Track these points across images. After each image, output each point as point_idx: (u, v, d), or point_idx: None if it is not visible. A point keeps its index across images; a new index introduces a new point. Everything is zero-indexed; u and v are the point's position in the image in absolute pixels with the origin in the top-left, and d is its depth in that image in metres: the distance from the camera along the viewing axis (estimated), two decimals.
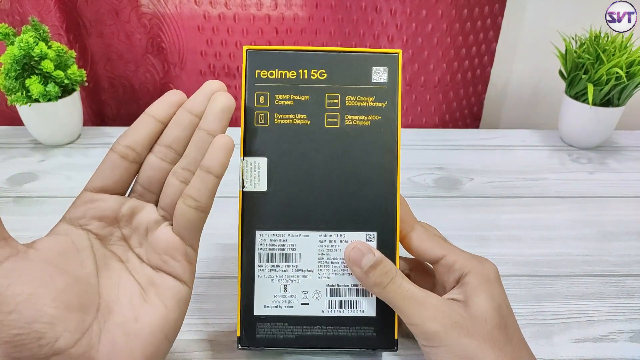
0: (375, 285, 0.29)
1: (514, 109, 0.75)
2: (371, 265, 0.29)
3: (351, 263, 0.30)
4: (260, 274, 0.31)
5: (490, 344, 0.26)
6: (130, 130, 0.29)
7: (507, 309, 0.29)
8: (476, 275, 0.29)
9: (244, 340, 0.31)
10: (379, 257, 0.29)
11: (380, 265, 0.29)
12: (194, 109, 0.28)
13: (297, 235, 0.31)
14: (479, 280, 0.29)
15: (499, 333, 0.27)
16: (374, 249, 0.30)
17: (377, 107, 0.31)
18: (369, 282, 0.29)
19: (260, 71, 0.31)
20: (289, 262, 0.31)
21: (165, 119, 0.29)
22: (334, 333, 0.31)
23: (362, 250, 0.29)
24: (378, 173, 0.31)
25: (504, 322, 0.28)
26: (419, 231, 0.32)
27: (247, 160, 0.31)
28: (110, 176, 0.28)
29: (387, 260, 0.29)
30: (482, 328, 0.27)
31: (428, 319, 0.27)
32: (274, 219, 0.31)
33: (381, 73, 0.31)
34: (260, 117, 0.31)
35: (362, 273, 0.29)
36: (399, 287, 0.28)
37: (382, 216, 0.31)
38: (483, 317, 0.27)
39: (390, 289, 0.28)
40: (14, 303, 0.21)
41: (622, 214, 0.50)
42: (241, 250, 0.31)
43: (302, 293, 0.31)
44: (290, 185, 0.31)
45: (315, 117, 0.31)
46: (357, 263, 0.29)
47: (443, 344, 0.27)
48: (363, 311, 0.31)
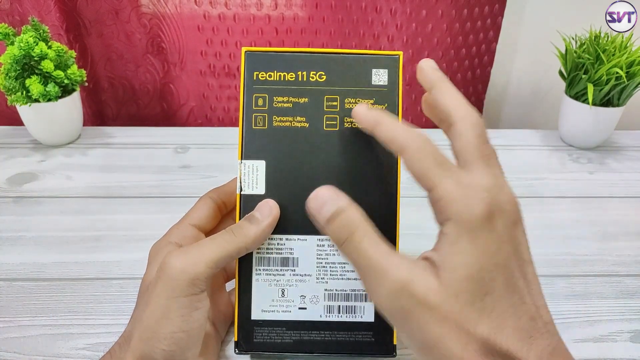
0: (334, 241, 0.24)
1: (514, 109, 0.75)
2: (329, 217, 0.24)
3: (311, 215, 0.25)
4: (257, 278, 0.31)
5: (457, 329, 0.20)
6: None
7: (495, 268, 0.21)
8: (455, 225, 0.22)
9: (241, 345, 0.31)
10: (341, 205, 0.24)
11: (340, 216, 0.24)
12: None
13: (295, 239, 0.30)
14: (458, 232, 0.21)
15: (471, 310, 0.21)
16: (341, 196, 0.25)
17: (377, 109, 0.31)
18: (329, 236, 0.24)
19: (259, 73, 0.31)
20: (287, 267, 0.31)
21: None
22: (331, 338, 0.31)
23: (324, 198, 0.25)
24: (378, 177, 0.30)
25: (483, 290, 0.21)
26: (443, 88, 0.25)
27: (245, 163, 0.30)
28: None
29: (350, 211, 0.24)
30: (450, 308, 0.21)
31: (382, 295, 0.22)
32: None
33: (381, 75, 0.31)
34: (259, 119, 0.31)
35: (322, 227, 0.25)
36: (356, 247, 0.23)
37: (381, 220, 0.30)
38: (454, 290, 0.21)
39: (346, 247, 0.23)
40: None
41: (622, 214, 0.50)
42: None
43: (300, 298, 0.31)
44: (288, 188, 0.30)
45: (314, 119, 0.31)
46: (317, 213, 0.25)
47: (400, 329, 0.22)
48: (361, 316, 0.31)
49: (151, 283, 0.28)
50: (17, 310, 0.37)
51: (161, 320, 0.26)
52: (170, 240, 0.31)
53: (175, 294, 0.26)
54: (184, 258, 0.27)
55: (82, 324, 0.36)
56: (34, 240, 0.44)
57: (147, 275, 0.30)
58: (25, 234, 0.45)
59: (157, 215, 0.48)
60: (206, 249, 0.28)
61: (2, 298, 0.38)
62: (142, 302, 0.28)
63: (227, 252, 0.28)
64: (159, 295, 0.27)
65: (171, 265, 0.27)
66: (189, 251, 0.28)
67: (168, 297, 0.26)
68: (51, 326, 0.36)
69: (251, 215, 0.30)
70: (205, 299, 0.28)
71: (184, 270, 0.26)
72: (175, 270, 0.27)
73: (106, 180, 0.53)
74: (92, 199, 0.50)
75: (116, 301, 0.38)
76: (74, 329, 0.35)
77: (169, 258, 0.27)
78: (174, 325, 0.26)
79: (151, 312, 0.26)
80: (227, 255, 0.28)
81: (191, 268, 0.27)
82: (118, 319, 0.36)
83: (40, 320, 0.36)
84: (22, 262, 0.42)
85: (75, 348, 0.34)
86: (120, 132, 0.64)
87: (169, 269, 0.27)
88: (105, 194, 0.51)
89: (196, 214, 0.32)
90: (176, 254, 0.27)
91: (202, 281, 0.27)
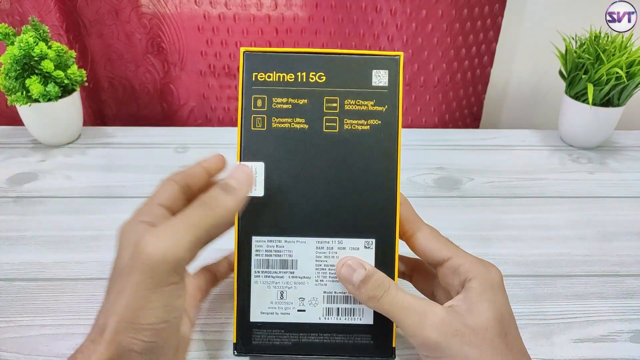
0: (370, 299, 0.28)
1: (514, 109, 0.75)
2: (362, 280, 0.28)
3: (343, 280, 0.29)
4: (256, 281, 0.30)
5: (492, 353, 0.26)
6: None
7: (510, 317, 0.28)
8: (480, 281, 0.28)
9: (239, 347, 0.31)
10: (369, 270, 0.28)
11: (372, 278, 0.28)
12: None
13: (294, 242, 0.30)
14: (483, 287, 0.28)
15: (499, 342, 0.27)
16: (365, 263, 0.29)
17: (377, 111, 0.30)
18: (363, 296, 0.28)
19: (258, 74, 0.30)
20: (286, 269, 0.30)
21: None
22: (330, 340, 0.31)
23: (352, 265, 0.29)
24: (377, 179, 0.30)
25: (504, 330, 0.27)
26: (426, 232, 0.31)
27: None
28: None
29: (378, 273, 0.29)
30: (483, 337, 0.26)
31: (427, 329, 0.26)
32: (270, 224, 0.30)
33: (381, 76, 0.30)
34: (258, 121, 0.30)
35: (355, 289, 0.29)
36: (394, 298, 0.28)
37: (380, 223, 0.30)
38: (484, 325, 0.27)
39: (385, 300, 0.28)
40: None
41: (622, 214, 0.50)
42: (237, 256, 0.30)
43: (299, 300, 0.31)
44: (287, 190, 0.30)
45: (313, 121, 0.30)
46: (348, 280, 0.29)
47: (445, 355, 0.26)
48: (360, 319, 0.31)
49: (124, 270, 0.25)
50: (17, 310, 0.37)
51: (141, 311, 0.24)
52: (142, 219, 0.28)
53: (155, 285, 0.24)
54: (161, 243, 0.24)
55: (82, 324, 0.36)
56: (34, 240, 0.44)
57: (119, 260, 0.27)
58: (25, 233, 0.45)
59: None
60: (183, 229, 0.25)
61: (2, 298, 0.38)
62: (115, 291, 0.25)
63: (205, 230, 0.25)
64: (137, 285, 0.24)
65: (148, 253, 0.24)
66: (164, 235, 0.24)
67: (148, 288, 0.24)
68: (51, 326, 0.36)
69: (225, 183, 0.27)
70: (185, 285, 0.26)
71: (163, 259, 0.24)
72: (153, 260, 0.24)
73: (106, 180, 0.53)
74: (92, 199, 0.50)
75: None
76: (74, 329, 0.35)
77: (144, 243, 0.24)
78: (156, 316, 0.24)
79: (128, 303, 0.24)
80: (206, 233, 0.25)
81: (171, 255, 0.24)
82: None
83: (40, 320, 0.36)
84: (22, 262, 0.42)
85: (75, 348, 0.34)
86: (120, 132, 0.64)
87: (147, 258, 0.24)
88: (105, 194, 0.51)
89: (162, 195, 0.29)
90: (151, 238, 0.24)
91: (183, 268, 0.25)
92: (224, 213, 0.26)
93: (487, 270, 0.29)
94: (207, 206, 0.26)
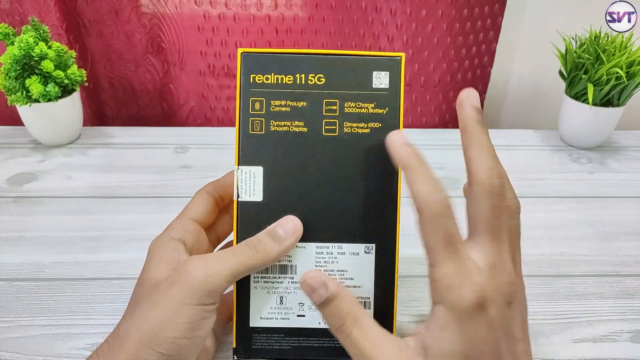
0: (330, 327, 0.26)
1: (514, 109, 0.75)
2: (320, 303, 0.26)
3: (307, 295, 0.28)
4: (256, 286, 0.30)
5: None
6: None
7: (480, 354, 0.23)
8: (447, 310, 0.23)
9: (239, 351, 0.30)
10: (331, 292, 0.26)
11: (330, 304, 0.26)
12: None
13: (294, 247, 0.30)
14: (448, 317, 0.23)
15: None
16: (330, 283, 0.26)
17: (378, 114, 0.30)
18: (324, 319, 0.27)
19: (256, 75, 0.29)
20: (285, 274, 0.30)
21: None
22: (330, 345, 0.30)
23: (313, 285, 0.26)
24: (377, 183, 0.30)
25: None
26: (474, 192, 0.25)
27: (242, 169, 0.30)
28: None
29: (339, 299, 0.26)
30: None
31: None
32: None
33: (382, 78, 0.30)
34: (256, 124, 0.30)
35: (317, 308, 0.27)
36: (347, 337, 0.25)
37: (381, 227, 0.30)
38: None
39: (339, 335, 0.26)
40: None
41: (622, 214, 0.50)
42: None
43: (299, 305, 0.30)
44: (286, 195, 0.30)
45: (312, 124, 0.30)
46: (310, 297, 0.27)
47: None
48: None
49: (163, 284, 0.27)
50: (17, 310, 0.37)
51: (167, 323, 0.25)
52: (173, 236, 0.30)
53: (190, 302, 0.26)
54: (205, 268, 0.27)
55: (82, 324, 0.36)
56: (34, 240, 0.44)
57: (150, 273, 0.28)
58: (25, 234, 0.45)
59: (157, 215, 0.48)
60: (227, 262, 0.27)
61: (2, 298, 0.38)
62: (148, 302, 0.27)
63: (246, 267, 0.28)
64: (172, 298, 0.26)
65: (192, 273, 0.26)
66: (211, 261, 0.27)
67: (182, 302, 0.26)
68: (51, 326, 0.36)
69: (274, 231, 0.29)
70: (214, 310, 0.28)
71: (205, 281, 0.26)
72: (196, 280, 0.26)
73: (106, 180, 0.53)
74: (92, 199, 0.50)
75: (116, 301, 0.38)
76: (74, 329, 0.35)
77: (190, 265, 0.27)
78: (180, 331, 0.26)
79: (159, 314, 0.26)
80: (245, 270, 0.28)
81: (212, 280, 0.26)
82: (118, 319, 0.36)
83: (40, 320, 0.36)
84: (22, 262, 0.42)
85: (75, 348, 0.34)
86: (120, 132, 0.64)
87: (190, 277, 0.26)
88: (105, 194, 0.51)
89: (195, 209, 0.32)
90: (198, 262, 0.27)
91: (219, 294, 0.27)
92: (267, 259, 0.28)
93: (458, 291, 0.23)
94: (253, 249, 0.28)
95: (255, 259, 0.28)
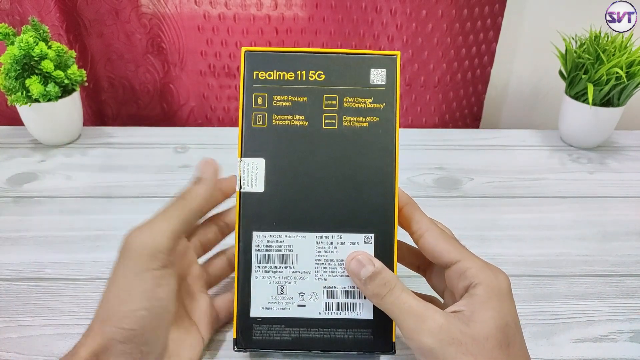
0: (374, 296, 0.29)
1: (514, 109, 0.75)
2: (369, 277, 0.28)
3: (351, 274, 0.30)
4: (257, 275, 0.31)
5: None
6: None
7: (515, 327, 0.27)
8: (486, 288, 0.27)
9: (240, 342, 0.31)
10: (378, 267, 0.29)
11: (379, 276, 0.28)
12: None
13: (294, 237, 0.31)
14: (489, 294, 0.27)
15: (499, 353, 0.26)
16: (374, 259, 0.29)
17: (375, 108, 0.31)
18: (368, 292, 0.29)
19: (259, 72, 0.31)
20: (286, 264, 0.31)
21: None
22: (330, 335, 0.31)
23: (362, 261, 0.29)
24: (376, 175, 0.31)
25: (507, 341, 0.26)
26: (435, 232, 0.31)
27: (245, 161, 0.31)
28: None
29: (386, 271, 0.29)
30: (482, 347, 0.26)
31: (424, 334, 0.26)
32: (271, 220, 0.31)
33: (379, 75, 0.31)
34: (258, 118, 0.31)
35: (362, 284, 0.29)
36: (397, 299, 0.28)
37: (380, 218, 0.31)
38: (485, 334, 0.26)
39: (388, 300, 0.28)
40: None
41: (622, 214, 0.50)
42: (238, 251, 0.31)
43: (299, 295, 0.31)
44: (287, 186, 0.31)
45: (313, 118, 0.31)
46: (356, 274, 0.29)
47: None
48: (360, 313, 0.31)
49: (114, 264, 0.28)
50: (17, 310, 0.37)
51: (121, 297, 0.26)
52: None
53: (136, 269, 0.26)
54: (142, 232, 0.28)
55: (82, 324, 0.36)
56: (34, 240, 0.44)
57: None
58: (25, 234, 0.45)
59: None
60: (162, 220, 0.28)
61: (2, 298, 0.38)
62: (107, 283, 0.28)
63: (183, 218, 0.29)
64: (120, 271, 0.27)
65: (130, 240, 0.27)
66: (147, 226, 0.28)
67: (129, 273, 0.26)
68: (51, 326, 0.36)
69: (194, 177, 0.31)
70: (170, 276, 0.28)
71: (144, 244, 0.27)
72: (135, 245, 0.27)
73: (106, 180, 0.53)
74: (92, 199, 0.50)
75: None
76: (74, 329, 0.35)
77: (128, 237, 0.28)
78: (135, 302, 0.26)
79: (113, 290, 0.26)
80: (183, 221, 0.29)
81: (151, 241, 0.27)
82: None
83: (40, 320, 0.36)
84: (22, 262, 0.42)
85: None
86: (120, 132, 0.64)
87: (130, 245, 0.27)
88: (105, 194, 0.51)
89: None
90: (134, 231, 0.28)
91: (164, 254, 0.27)
92: (198, 200, 0.30)
93: (494, 277, 0.28)
94: (182, 198, 0.30)
95: (187, 206, 0.29)
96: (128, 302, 0.26)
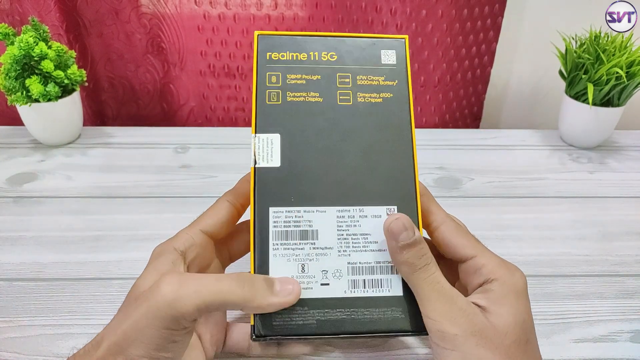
0: (406, 265, 0.27)
1: (514, 109, 0.75)
2: (409, 243, 0.27)
3: (389, 234, 0.27)
4: (275, 254, 0.28)
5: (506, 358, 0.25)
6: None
7: (530, 325, 0.27)
8: (503, 285, 0.27)
9: (258, 329, 0.27)
10: (418, 237, 0.27)
11: (418, 246, 0.27)
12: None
13: (314, 211, 0.29)
14: (506, 291, 0.27)
15: (517, 349, 0.25)
16: (416, 229, 0.27)
17: (388, 85, 0.32)
18: (401, 258, 0.27)
19: (272, 53, 0.31)
20: (306, 240, 0.29)
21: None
22: (358, 316, 0.28)
23: (405, 224, 0.27)
24: (393, 147, 0.31)
25: (524, 338, 0.26)
26: (451, 225, 0.30)
27: (259, 137, 0.30)
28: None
29: (425, 244, 0.27)
30: (501, 341, 0.25)
31: (450, 319, 0.25)
32: (288, 194, 0.29)
33: (390, 55, 0.32)
34: (273, 95, 0.31)
35: (397, 247, 0.27)
36: (431, 276, 0.26)
37: (401, 189, 0.30)
38: (504, 330, 0.26)
39: (421, 275, 0.27)
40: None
41: (622, 214, 0.50)
42: (254, 228, 0.29)
43: (322, 272, 0.28)
44: (304, 160, 0.30)
45: (327, 95, 0.31)
46: (394, 235, 0.27)
47: (457, 349, 0.25)
48: (389, 290, 0.28)
49: (140, 298, 0.25)
50: (17, 310, 0.37)
51: (133, 340, 0.24)
52: (176, 247, 0.29)
53: (155, 324, 0.24)
54: (177, 290, 0.24)
55: (82, 324, 0.36)
56: (34, 240, 0.44)
57: (140, 280, 0.27)
58: (25, 234, 0.45)
59: (157, 215, 0.48)
60: (204, 287, 0.25)
61: (2, 298, 0.38)
62: (123, 313, 0.26)
63: (223, 301, 0.25)
64: (140, 316, 0.24)
65: (162, 293, 0.24)
66: (186, 283, 0.24)
67: (147, 323, 0.24)
68: (51, 326, 0.36)
69: (272, 281, 0.27)
70: (187, 334, 0.26)
71: (171, 304, 0.24)
72: (162, 301, 0.24)
73: (106, 180, 0.53)
74: (92, 199, 0.50)
75: (116, 301, 0.38)
76: (74, 329, 0.35)
77: (163, 283, 0.24)
78: (144, 350, 0.24)
79: (127, 329, 0.24)
80: (221, 304, 0.25)
81: (180, 305, 0.24)
82: None
83: (40, 320, 0.36)
84: (22, 262, 0.42)
85: (75, 348, 0.34)
86: (120, 132, 0.64)
87: (159, 297, 0.24)
88: (105, 194, 0.51)
89: (210, 220, 0.31)
90: (172, 280, 0.25)
91: (188, 321, 0.25)
92: (249, 302, 0.26)
93: (511, 274, 0.27)
94: (242, 285, 0.25)
95: (236, 296, 0.25)
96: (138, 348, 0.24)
